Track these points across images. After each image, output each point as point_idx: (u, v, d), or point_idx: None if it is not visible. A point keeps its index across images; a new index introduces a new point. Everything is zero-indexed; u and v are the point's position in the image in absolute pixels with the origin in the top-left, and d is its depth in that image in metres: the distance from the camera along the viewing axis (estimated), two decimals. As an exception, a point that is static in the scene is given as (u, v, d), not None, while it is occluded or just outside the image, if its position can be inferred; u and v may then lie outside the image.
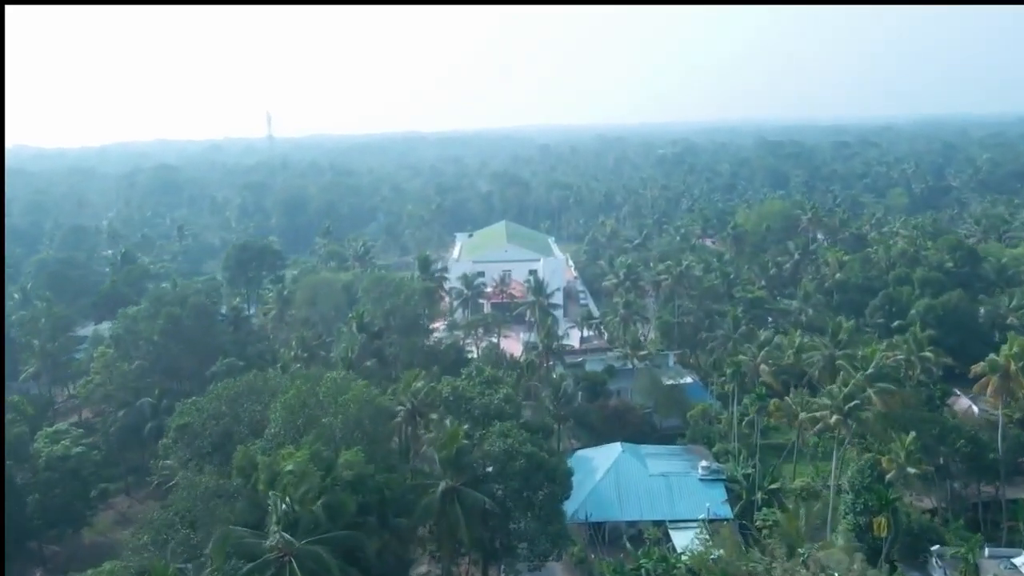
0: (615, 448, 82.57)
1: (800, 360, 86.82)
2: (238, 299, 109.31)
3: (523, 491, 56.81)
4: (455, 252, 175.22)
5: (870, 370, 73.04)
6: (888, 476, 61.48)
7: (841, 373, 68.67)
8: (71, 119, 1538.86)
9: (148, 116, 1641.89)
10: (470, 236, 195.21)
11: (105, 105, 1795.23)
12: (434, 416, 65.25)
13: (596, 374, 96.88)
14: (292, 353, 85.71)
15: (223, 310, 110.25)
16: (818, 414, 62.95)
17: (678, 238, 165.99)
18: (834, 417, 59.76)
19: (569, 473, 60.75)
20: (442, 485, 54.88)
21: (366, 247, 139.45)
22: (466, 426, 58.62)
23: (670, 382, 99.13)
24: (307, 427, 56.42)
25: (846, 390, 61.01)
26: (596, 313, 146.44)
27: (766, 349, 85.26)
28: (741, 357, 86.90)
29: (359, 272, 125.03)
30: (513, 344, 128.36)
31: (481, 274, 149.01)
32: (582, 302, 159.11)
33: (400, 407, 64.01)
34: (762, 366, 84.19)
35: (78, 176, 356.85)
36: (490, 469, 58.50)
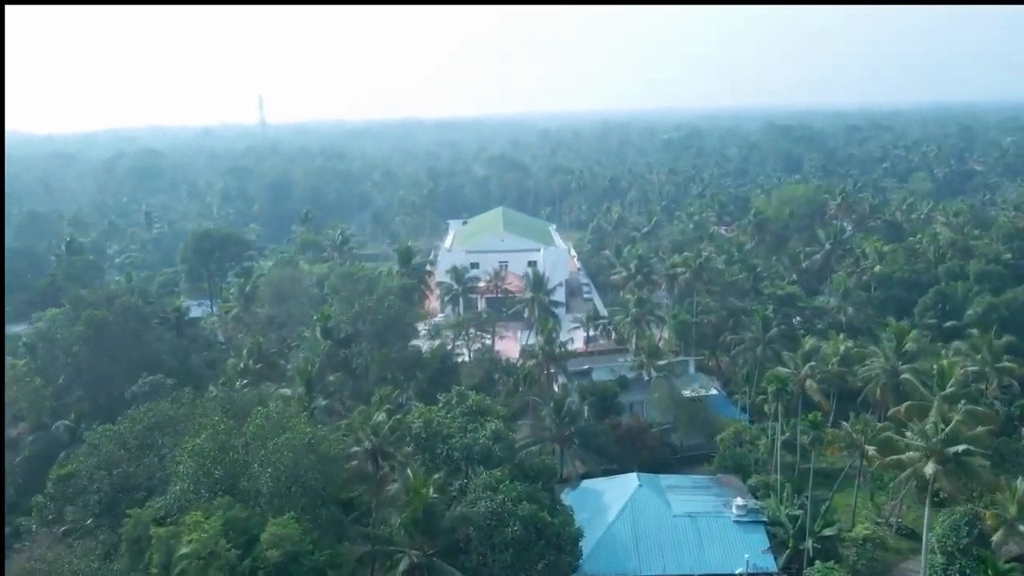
0: (630, 481, 68.19)
1: (853, 371, 72.50)
2: (181, 297, 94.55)
3: (517, 565, 42.43)
4: (447, 241, 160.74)
5: (948, 389, 58.68)
6: (994, 537, 47.00)
7: (939, 407, 53.33)
8: (65, 105, 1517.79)
9: (143, 102, 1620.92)
10: (464, 224, 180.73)
11: (100, 91, 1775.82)
12: (407, 449, 50.97)
13: (606, 386, 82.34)
14: (242, 365, 71.18)
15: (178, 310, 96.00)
16: (905, 457, 48.34)
17: (691, 225, 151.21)
18: (931, 465, 45.26)
19: (578, 536, 46.44)
20: (405, 562, 40.51)
21: (345, 236, 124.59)
22: (438, 476, 44.15)
23: (691, 394, 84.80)
24: (227, 482, 41.98)
25: (946, 429, 46.34)
26: (602, 310, 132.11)
27: (812, 363, 70.48)
28: (781, 370, 72.35)
29: (335, 264, 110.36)
30: (510, 345, 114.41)
31: (475, 266, 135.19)
32: (586, 296, 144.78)
33: (357, 447, 49.40)
34: (809, 382, 69.59)
35: (58, 161, 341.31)
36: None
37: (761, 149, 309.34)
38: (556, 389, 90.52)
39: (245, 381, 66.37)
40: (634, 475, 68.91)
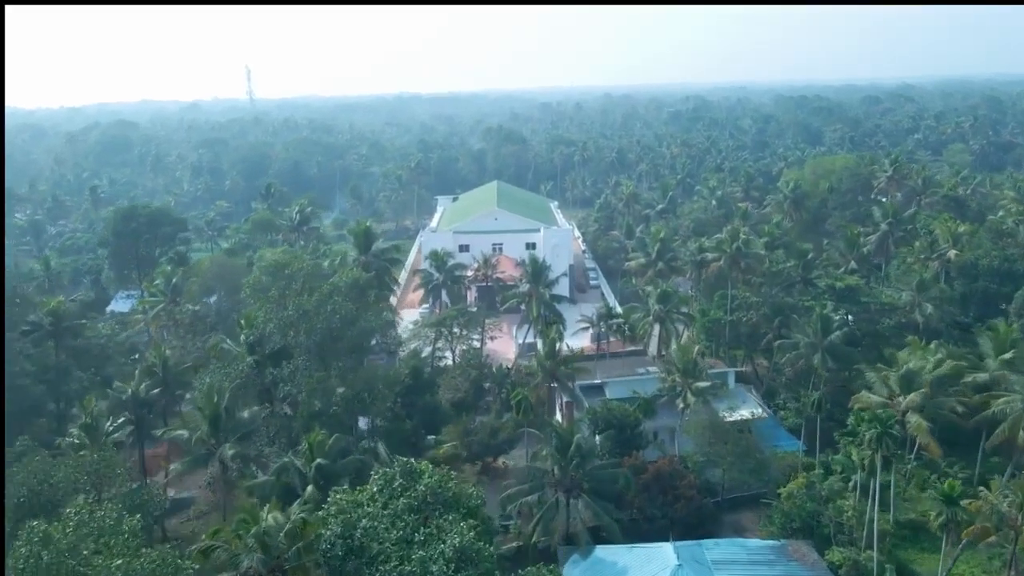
0: (664, 555, 49.00)
1: (974, 399, 53.05)
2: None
3: None
4: (434, 221, 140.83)
5: None
6: None
7: None
8: (60, 81, 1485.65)
9: (139, 78, 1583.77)
10: (455, 200, 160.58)
11: (96, 67, 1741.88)
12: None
13: (625, 412, 62.79)
14: (129, 391, 51.61)
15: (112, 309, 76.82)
16: None
17: (713, 202, 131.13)
18: None
19: None
20: None
21: (304, 214, 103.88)
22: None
23: (735, 417, 65.17)
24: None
25: None
26: (612, 300, 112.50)
27: (923, 389, 50.73)
28: (871, 397, 52.83)
29: (288, 249, 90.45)
30: (505, 345, 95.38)
31: (464, 249, 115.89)
32: (592, 282, 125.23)
33: (228, 573, 29.84)
34: (914, 417, 50.00)
35: (26, 134, 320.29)
36: None
37: (778, 121, 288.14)
38: (559, 414, 71.25)
39: (119, 421, 46.80)
40: (669, 546, 49.67)
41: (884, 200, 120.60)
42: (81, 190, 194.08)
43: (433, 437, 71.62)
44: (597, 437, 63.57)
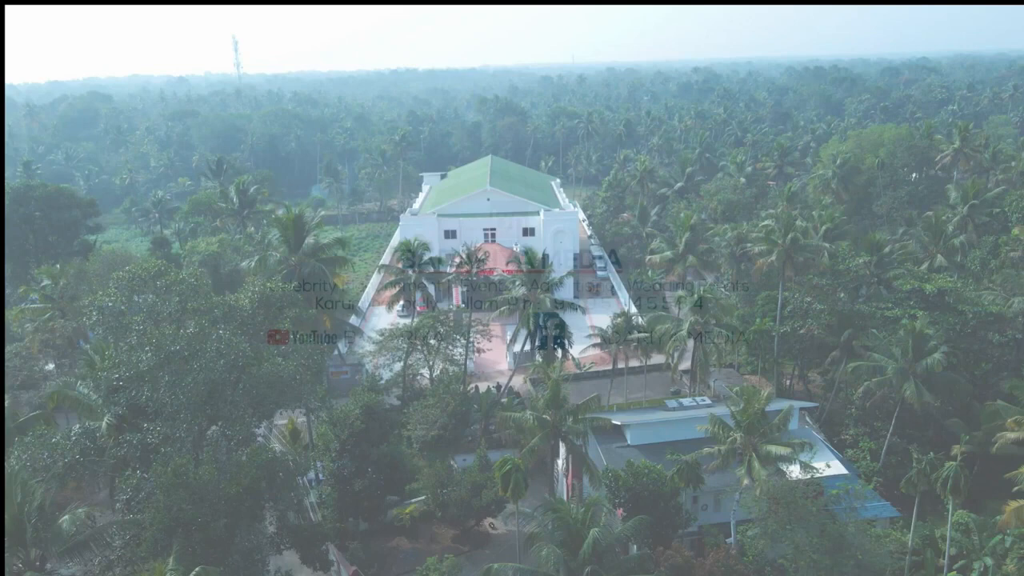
0: None
1: None
2: None
3: None
4: (417, 202, 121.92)
5: None
6: None
7: None
8: (52, 56, 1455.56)
9: (133, 54, 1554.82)
10: (443, 178, 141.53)
11: (86, 41, 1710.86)
12: None
13: (658, 478, 44.38)
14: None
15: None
16: None
17: (743, 180, 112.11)
18: None
19: None
20: None
21: (247, 194, 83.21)
22: None
23: (803, 473, 46.24)
24: None
25: None
26: (625, 299, 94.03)
27: None
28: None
29: (226, 238, 71.53)
30: (497, 355, 77.93)
31: (451, 235, 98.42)
32: (600, 272, 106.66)
33: None
34: None
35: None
36: None
37: (797, 92, 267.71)
38: (560, 467, 52.99)
39: None
40: None
41: (944, 176, 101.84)
42: (29, 167, 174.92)
43: (395, 497, 53.89)
44: (618, 510, 45.50)
